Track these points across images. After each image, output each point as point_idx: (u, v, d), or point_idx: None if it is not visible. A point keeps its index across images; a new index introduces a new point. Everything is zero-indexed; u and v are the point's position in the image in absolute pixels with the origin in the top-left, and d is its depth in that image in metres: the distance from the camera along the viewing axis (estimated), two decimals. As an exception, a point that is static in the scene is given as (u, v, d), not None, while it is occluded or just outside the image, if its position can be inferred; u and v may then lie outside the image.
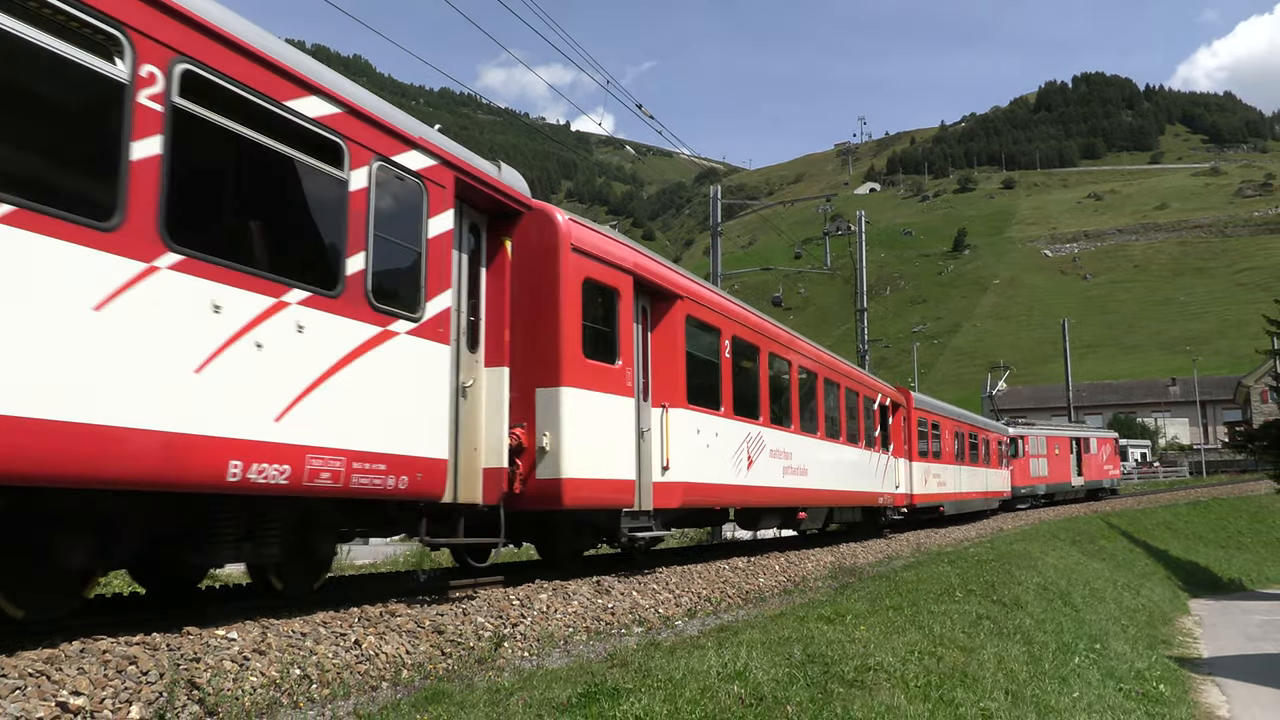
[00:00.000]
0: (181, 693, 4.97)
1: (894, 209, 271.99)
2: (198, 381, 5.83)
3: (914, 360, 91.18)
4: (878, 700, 6.15)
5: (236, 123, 6.25)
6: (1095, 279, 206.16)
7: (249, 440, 6.14)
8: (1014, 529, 30.50)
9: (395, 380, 7.57)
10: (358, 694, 5.75)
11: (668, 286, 12.25)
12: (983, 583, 13.04)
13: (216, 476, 5.94)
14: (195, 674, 5.15)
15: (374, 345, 7.34)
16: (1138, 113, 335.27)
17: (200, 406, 5.83)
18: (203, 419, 5.83)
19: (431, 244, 8.14)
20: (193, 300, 5.82)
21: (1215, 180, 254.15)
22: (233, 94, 6.20)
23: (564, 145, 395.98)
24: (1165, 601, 27.24)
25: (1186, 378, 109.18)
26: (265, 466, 6.25)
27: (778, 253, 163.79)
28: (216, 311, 5.97)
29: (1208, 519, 51.82)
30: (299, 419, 6.55)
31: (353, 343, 7.13)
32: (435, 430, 8.00)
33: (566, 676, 6.03)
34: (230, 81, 6.17)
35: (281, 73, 6.62)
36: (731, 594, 11.70)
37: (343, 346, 7.03)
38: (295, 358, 6.58)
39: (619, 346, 10.86)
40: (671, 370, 12.16)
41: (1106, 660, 11.79)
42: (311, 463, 6.62)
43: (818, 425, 18.89)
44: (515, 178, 9.81)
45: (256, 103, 6.39)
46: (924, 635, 8.65)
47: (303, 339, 6.63)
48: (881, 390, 24.95)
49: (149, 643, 5.42)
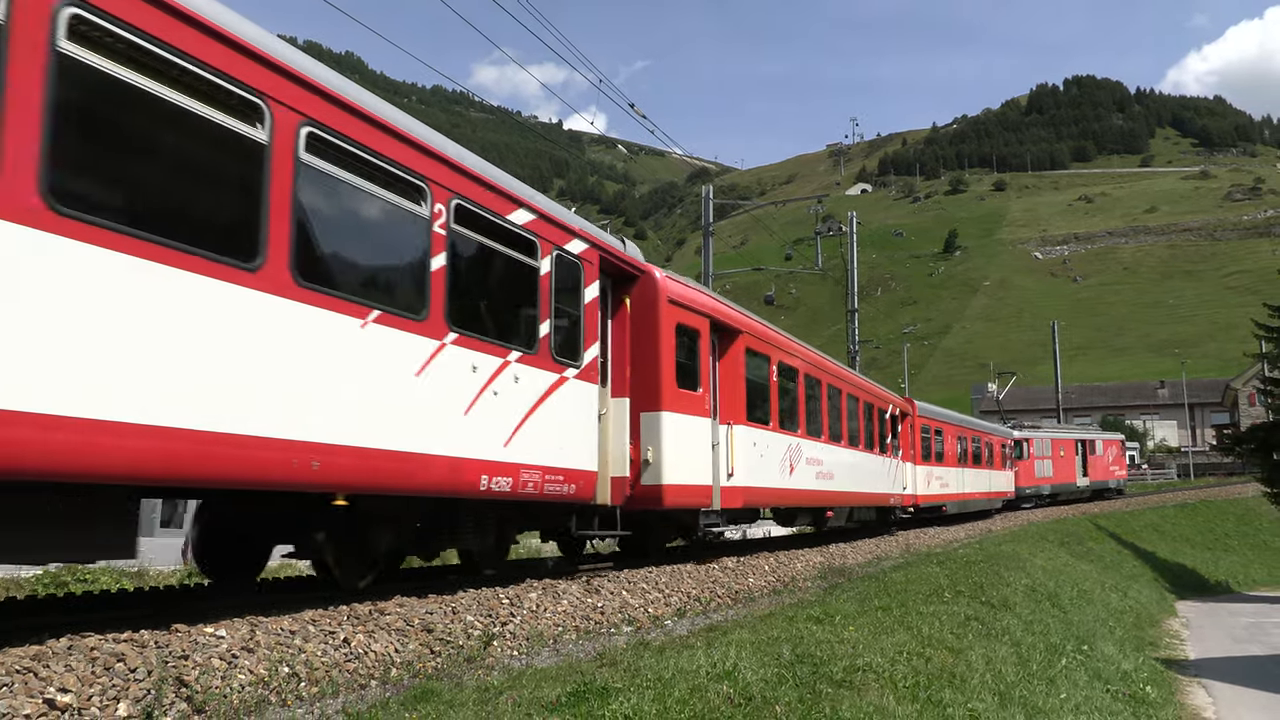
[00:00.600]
0: (169, 690, 4.96)
1: (885, 210, 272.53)
2: (466, 420, 8.45)
3: (904, 361, 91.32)
4: (866, 701, 6.17)
5: (482, 235, 8.90)
6: (1085, 281, 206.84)
7: (491, 460, 8.74)
8: (1003, 530, 30.59)
9: (568, 413, 10.22)
10: (346, 692, 5.74)
11: (732, 325, 14.66)
12: (971, 584, 13.08)
13: (473, 486, 8.50)
14: (183, 671, 5.14)
15: (555, 388, 10.02)
16: (1128, 116, 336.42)
17: (467, 437, 8.41)
18: (469, 446, 8.42)
19: (587, 308, 10.85)
20: (463, 364, 8.46)
21: (1205, 184, 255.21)
22: (481, 216, 8.86)
23: (556, 144, 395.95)
24: (1152, 603, 27.35)
25: (1175, 380, 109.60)
26: (499, 479, 8.85)
27: (769, 253, 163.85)
28: (474, 371, 8.61)
29: (1195, 521, 52.07)
30: (516, 444, 9.15)
31: (544, 387, 9.79)
32: (590, 449, 10.65)
33: (555, 675, 6.03)
34: (481, 208, 8.84)
35: (505, 195, 9.29)
36: (721, 594, 11.71)
37: (539, 390, 9.69)
38: (514, 400, 9.23)
39: (700, 376, 13.28)
40: (735, 393, 14.56)
41: (1094, 662, 11.83)
42: (523, 475, 9.25)
43: (842, 435, 20.70)
44: (634, 249, 12.58)
45: (493, 220, 9.06)
46: (912, 636, 8.67)
47: (518, 386, 9.29)
48: (893, 401, 26.81)
49: (137, 640, 5.40)
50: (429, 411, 7.91)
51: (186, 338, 5.74)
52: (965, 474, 34.72)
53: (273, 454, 6.31)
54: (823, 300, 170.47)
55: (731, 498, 14.00)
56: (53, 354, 4.99)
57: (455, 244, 8.37)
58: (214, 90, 6.02)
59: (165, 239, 5.60)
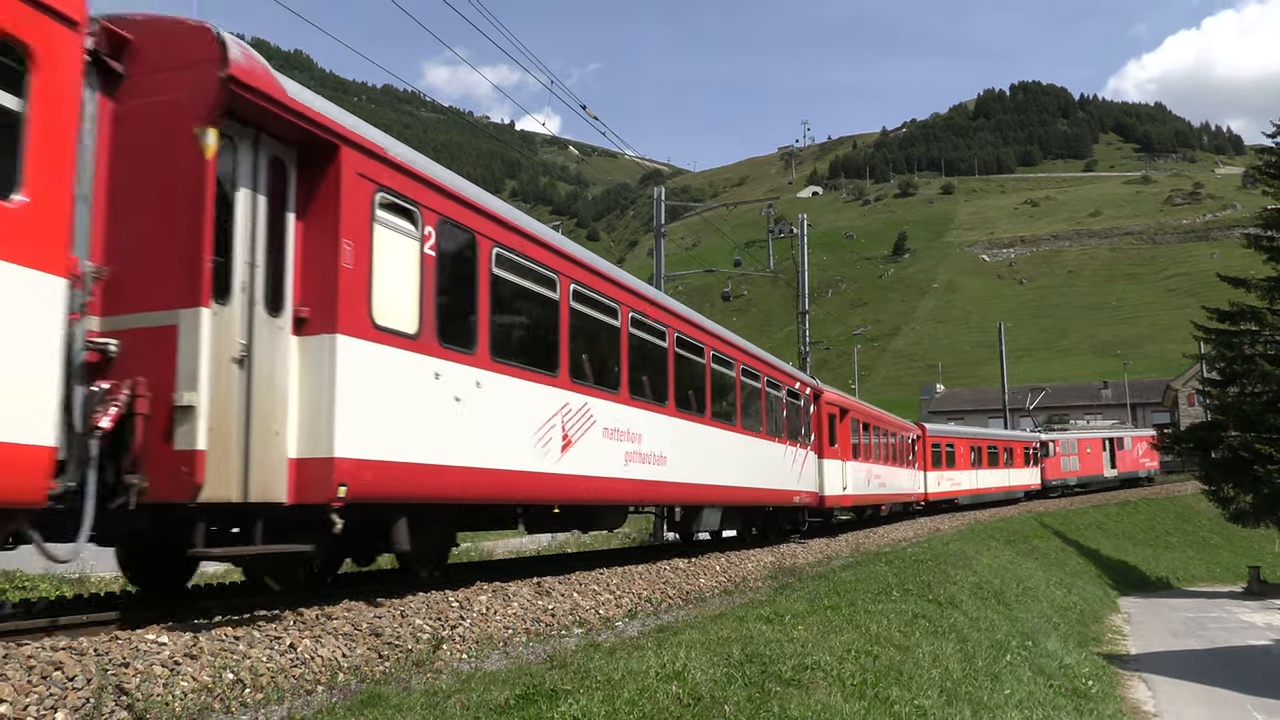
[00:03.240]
0: (109, 698, 4.87)
1: (836, 212, 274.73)
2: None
3: (854, 363, 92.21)
4: (814, 699, 6.22)
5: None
6: (1031, 283, 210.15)
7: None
8: (950, 529, 31.01)
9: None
10: (292, 698, 5.67)
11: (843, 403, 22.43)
12: (919, 582, 13.25)
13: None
14: (124, 679, 5.05)
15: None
16: (1072, 121, 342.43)
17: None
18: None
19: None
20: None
21: (1146, 189, 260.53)
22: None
23: (508, 144, 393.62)
24: (1096, 600, 27.88)
25: (1117, 381, 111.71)
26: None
27: (721, 254, 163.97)
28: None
29: (1137, 519, 53.13)
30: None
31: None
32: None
33: (505, 678, 6.01)
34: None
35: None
36: (672, 594, 11.75)
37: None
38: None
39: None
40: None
41: (1038, 658, 12.04)
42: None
43: (885, 458, 31.30)
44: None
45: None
46: (861, 634, 8.76)
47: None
48: (912, 431, 37.91)
49: (76, 648, 5.29)
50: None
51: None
52: (980, 474, 45.97)
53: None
54: (775, 302, 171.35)
55: (839, 501, 18.42)
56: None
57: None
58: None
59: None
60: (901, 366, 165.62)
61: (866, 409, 30.49)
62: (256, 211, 7.07)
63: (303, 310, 7.35)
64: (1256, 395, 35.39)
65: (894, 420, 34.64)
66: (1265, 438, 33.93)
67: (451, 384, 8.82)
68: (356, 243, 7.60)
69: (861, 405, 30.29)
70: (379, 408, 7.80)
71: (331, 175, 7.52)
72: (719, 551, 17.09)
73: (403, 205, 8.27)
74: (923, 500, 39.36)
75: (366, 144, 7.87)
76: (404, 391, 8.17)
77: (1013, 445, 51.45)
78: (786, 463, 20.52)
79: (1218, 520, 46.73)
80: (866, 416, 29.42)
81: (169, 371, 6.27)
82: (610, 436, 12.18)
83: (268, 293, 7.09)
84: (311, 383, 7.28)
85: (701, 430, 15.62)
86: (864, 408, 30.23)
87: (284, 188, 7.39)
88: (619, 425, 12.45)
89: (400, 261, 8.21)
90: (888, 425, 32.59)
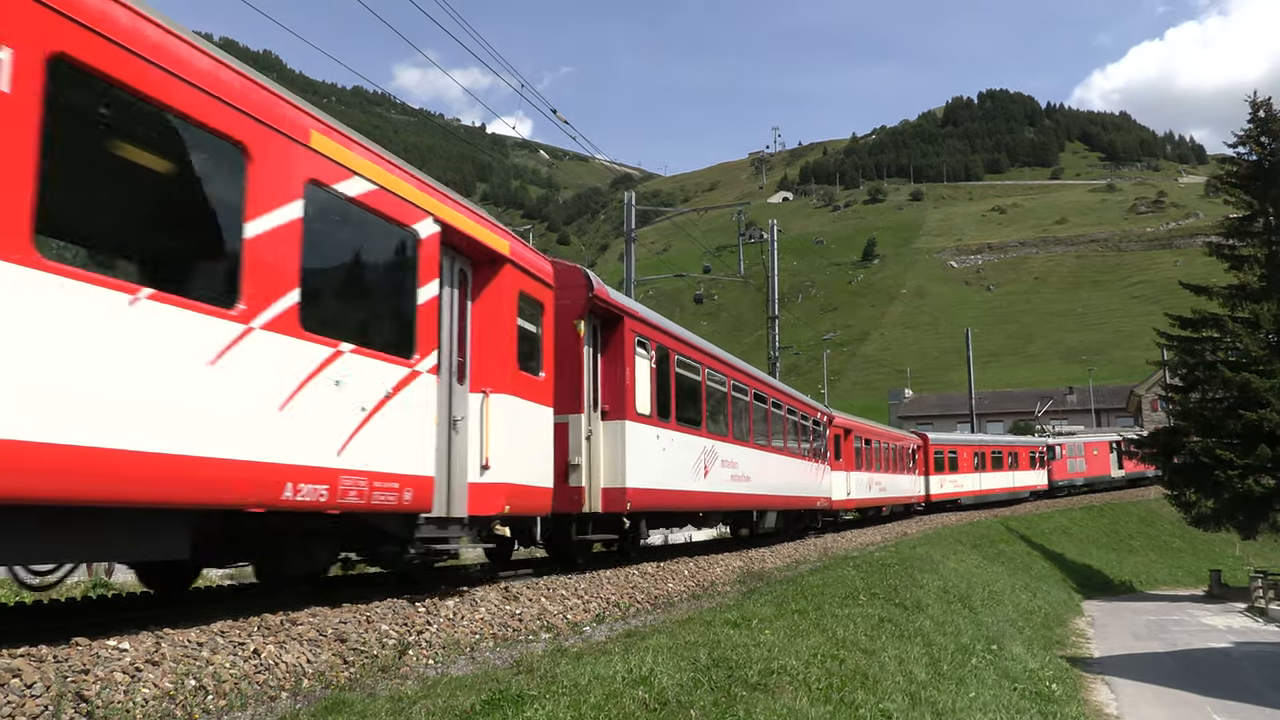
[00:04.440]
0: (69, 706, 4.80)
1: (806, 218, 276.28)
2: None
3: (824, 368, 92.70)
4: (780, 703, 6.25)
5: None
6: (998, 290, 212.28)
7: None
8: (918, 533, 31.23)
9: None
10: (255, 704, 5.62)
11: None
12: (886, 586, 13.33)
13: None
14: (83, 686, 4.98)
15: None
16: (1039, 130, 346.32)
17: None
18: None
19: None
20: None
21: (1111, 197, 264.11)
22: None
23: (479, 148, 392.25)
24: (1060, 603, 28.18)
25: (1083, 386, 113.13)
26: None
27: (692, 259, 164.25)
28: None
29: (1101, 523, 53.74)
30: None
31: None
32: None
33: (471, 684, 5.99)
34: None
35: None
36: (640, 599, 11.75)
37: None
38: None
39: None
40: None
41: (1003, 661, 12.14)
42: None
43: (885, 466, 37.18)
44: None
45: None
46: (827, 638, 8.81)
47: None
48: (914, 442, 43.97)
49: (34, 654, 5.22)
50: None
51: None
52: (983, 477, 51.87)
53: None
54: (745, 306, 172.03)
55: (846, 504, 20.93)
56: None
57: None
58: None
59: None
60: (870, 371, 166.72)
61: (868, 426, 36.22)
62: (596, 357, 13.39)
63: (605, 407, 13.32)
64: (1217, 401, 35.93)
65: (893, 434, 40.87)
66: (1226, 443, 34.47)
67: (663, 440, 14.70)
68: (630, 366, 13.59)
69: (863, 424, 35.72)
70: (639, 456, 13.60)
71: (619, 331, 13.69)
72: (687, 556, 17.11)
73: (644, 340, 14.43)
74: (923, 501, 45.02)
75: (633, 313, 14.20)
76: (647, 447, 13.96)
77: (1018, 450, 58.35)
78: (813, 476, 26.84)
79: (1180, 524, 47.35)
80: (868, 434, 35.30)
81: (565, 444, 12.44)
82: (725, 465, 18.06)
83: (591, 400, 13.12)
84: (610, 445, 13.17)
85: (768, 457, 21.75)
86: (865, 426, 35.82)
87: (600, 343, 13.54)
88: (729, 458, 18.35)
89: (642, 373, 14.17)
90: (887, 439, 38.59)
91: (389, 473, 7.82)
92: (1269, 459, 33.30)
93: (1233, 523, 36.78)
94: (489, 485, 9.54)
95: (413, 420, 8.24)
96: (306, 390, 6.88)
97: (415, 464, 8.24)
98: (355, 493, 7.35)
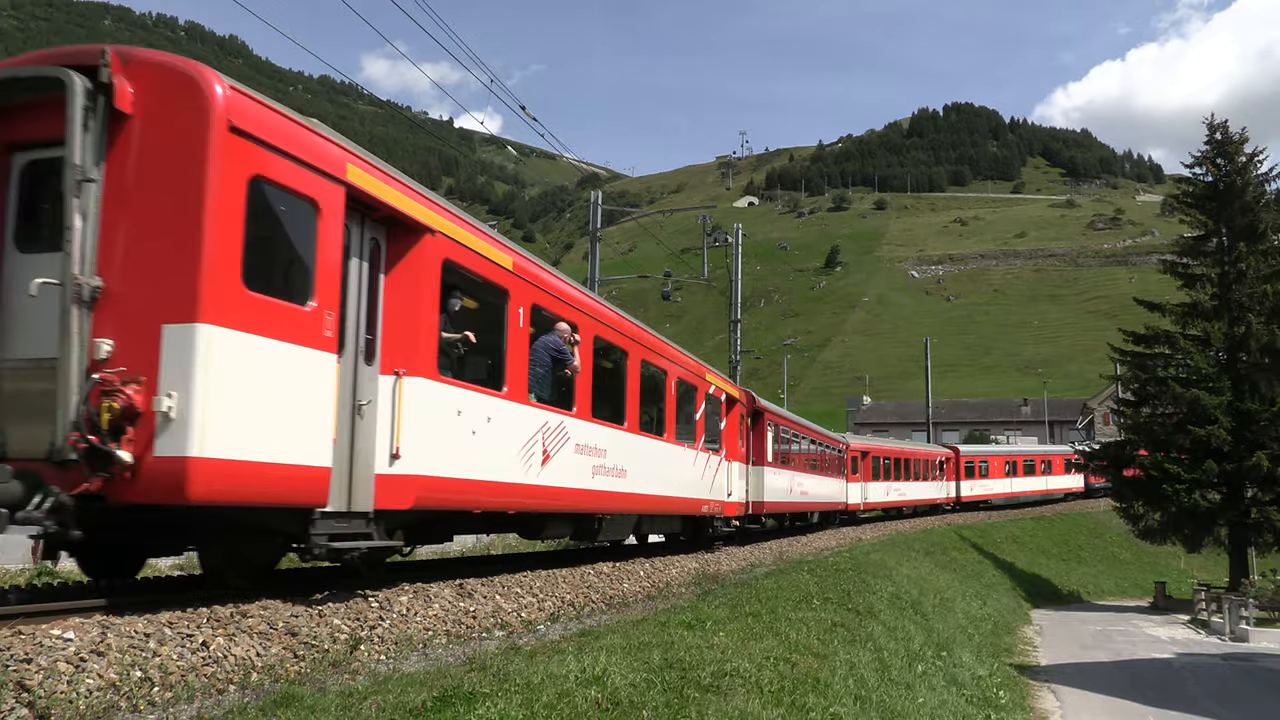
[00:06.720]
0: (9, 695, 4.71)
1: (771, 223, 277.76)
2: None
3: (784, 373, 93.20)
4: (732, 705, 6.27)
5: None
6: (957, 300, 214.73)
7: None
8: (872, 539, 31.49)
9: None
10: (203, 697, 5.55)
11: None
12: (839, 591, 13.41)
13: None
14: (25, 675, 4.89)
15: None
16: (1002, 144, 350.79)
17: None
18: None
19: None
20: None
21: (1070, 212, 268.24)
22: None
23: (446, 142, 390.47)
24: (1009, 611, 28.55)
25: (1037, 398, 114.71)
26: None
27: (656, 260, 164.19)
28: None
29: (1051, 533, 54.55)
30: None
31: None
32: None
33: (423, 680, 5.95)
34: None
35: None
36: (596, 599, 11.74)
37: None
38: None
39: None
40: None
41: (951, 668, 12.28)
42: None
43: (904, 476, 45.30)
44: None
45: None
46: (780, 642, 8.85)
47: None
48: (941, 455, 52.77)
49: (-25, 642, 5.12)
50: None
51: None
52: (1015, 481, 60.24)
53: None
54: (707, 310, 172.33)
55: (861, 504, 24.50)
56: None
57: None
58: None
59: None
60: (830, 378, 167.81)
61: (885, 447, 45.80)
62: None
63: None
64: (1167, 416, 36.56)
65: (917, 450, 49.49)
66: (1173, 458, 35.11)
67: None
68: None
69: (880, 445, 45.95)
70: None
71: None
72: (644, 557, 17.12)
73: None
74: (951, 502, 53.77)
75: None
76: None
77: (1052, 458, 64.90)
78: (840, 486, 35.86)
79: (1128, 537, 48.18)
80: (885, 452, 44.21)
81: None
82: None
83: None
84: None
85: (806, 478, 28.41)
86: (882, 446, 45.48)
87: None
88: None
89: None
90: (907, 455, 46.98)
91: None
92: (1215, 474, 33.97)
93: (1179, 536, 37.46)
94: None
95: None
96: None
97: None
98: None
